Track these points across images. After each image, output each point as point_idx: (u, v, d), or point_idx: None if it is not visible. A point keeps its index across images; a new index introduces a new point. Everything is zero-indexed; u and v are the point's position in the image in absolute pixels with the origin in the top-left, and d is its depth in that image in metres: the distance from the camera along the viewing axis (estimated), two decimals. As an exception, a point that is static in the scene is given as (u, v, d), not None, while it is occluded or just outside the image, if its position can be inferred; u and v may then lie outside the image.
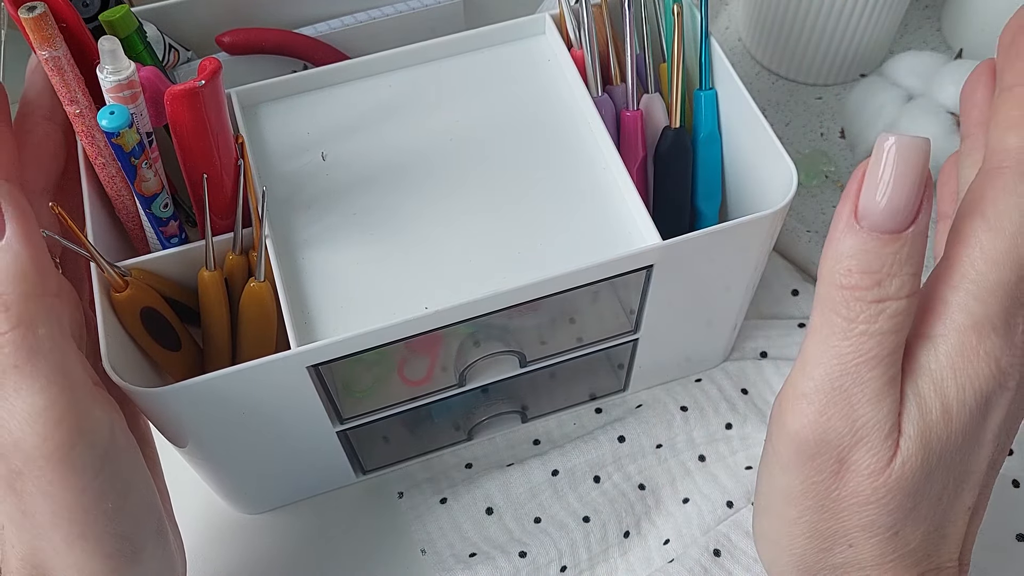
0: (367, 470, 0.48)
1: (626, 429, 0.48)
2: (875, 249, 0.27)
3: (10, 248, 0.30)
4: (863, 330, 0.27)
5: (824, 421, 0.29)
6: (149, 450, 0.39)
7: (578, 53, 0.44)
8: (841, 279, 0.28)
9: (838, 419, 0.28)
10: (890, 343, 0.28)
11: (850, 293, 0.27)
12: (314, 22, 0.52)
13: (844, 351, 0.28)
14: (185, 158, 0.37)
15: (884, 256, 0.27)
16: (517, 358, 0.43)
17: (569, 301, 0.40)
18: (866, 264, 0.27)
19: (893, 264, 0.27)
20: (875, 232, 0.27)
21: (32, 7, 0.33)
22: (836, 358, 0.28)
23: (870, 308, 0.27)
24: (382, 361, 0.41)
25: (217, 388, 0.35)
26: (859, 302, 0.27)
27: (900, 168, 0.26)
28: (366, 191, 0.41)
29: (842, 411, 0.28)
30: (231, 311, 0.40)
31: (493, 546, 0.45)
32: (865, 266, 0.27)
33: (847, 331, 0.28)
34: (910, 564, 0.30)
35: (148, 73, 0.38)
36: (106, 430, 0.31)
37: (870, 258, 0.27)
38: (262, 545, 0.47)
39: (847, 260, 0.27)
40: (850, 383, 0.28)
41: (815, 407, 0.29)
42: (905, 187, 0.26)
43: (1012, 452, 0.47)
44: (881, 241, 0.27)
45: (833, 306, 0.28)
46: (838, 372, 0.28)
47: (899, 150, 0.26)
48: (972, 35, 0.61)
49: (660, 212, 0.46)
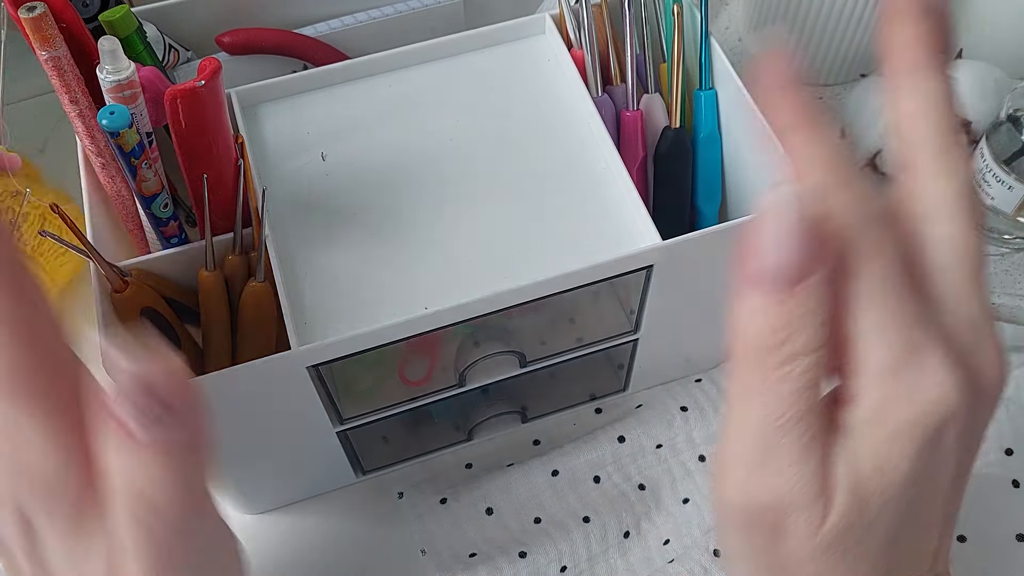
0: (367, 470, 0.48)
1: (626, 429, 0.48)
2: (775, 308, 0.26)
3: None
4: (777, 391, 0.27)
5: (753, 488, 0.28)
6: None
7: (578, 53, 0.44)
8: (748, 340, 0.27)
9: (765, 485, 0.28)
10: (805, 400, 0.27)
11: (758, 354, 0.27)
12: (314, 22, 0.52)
13: (761, 414, 0.27)
14: (185, 158, 0.37)
15: (786, 314, 0.26)
16: (517, 358, 0.43)
17: (569, 301, 0.40)
18: (769, 324, 0.26)
19: (790, 325, 0.26)
20: (772, 291, 0.26)
21: (32, 7, 0.33)
22: (754, 422, 0.27)
23: (780, 368, 0.27)
24: (382, 361, 0.41)
25: (217, 388, 0.35)
26: (768, 362, 0.27)
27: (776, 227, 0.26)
28: (366, 191, 0.41)
29: (768, 476, 0.28)
30: (231, 311, 0.40)
31: (493, 546, 0.45)
32: (769, 326, 0.26)
33: (761, 393, 0.27)
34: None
35: (148, 73, 0.38)
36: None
37: (771, 317, 0.26)
38: (262, 545, 0.47)
39: (751, 320, 0.27)
40: (772, 446, 0.27)
41: (742, 473, 0.28)
42: (787, 244, 0.26)
43: (1012, 452, 0.47)
44: (779, 300, 0.26)
45: (745, 368, 0.27)
46: (759, 436, 0.27)
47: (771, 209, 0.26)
48: (972, 35, 0.61)
49: (660, 212, 0.46)
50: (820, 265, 0.26)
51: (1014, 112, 0.50)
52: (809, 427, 0.27)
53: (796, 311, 0.26)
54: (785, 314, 0.26)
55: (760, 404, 0.27)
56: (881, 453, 0.27)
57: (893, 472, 0.27)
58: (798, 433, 0.27)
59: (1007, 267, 0.54)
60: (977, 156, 0.53)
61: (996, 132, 0.51)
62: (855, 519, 0.28)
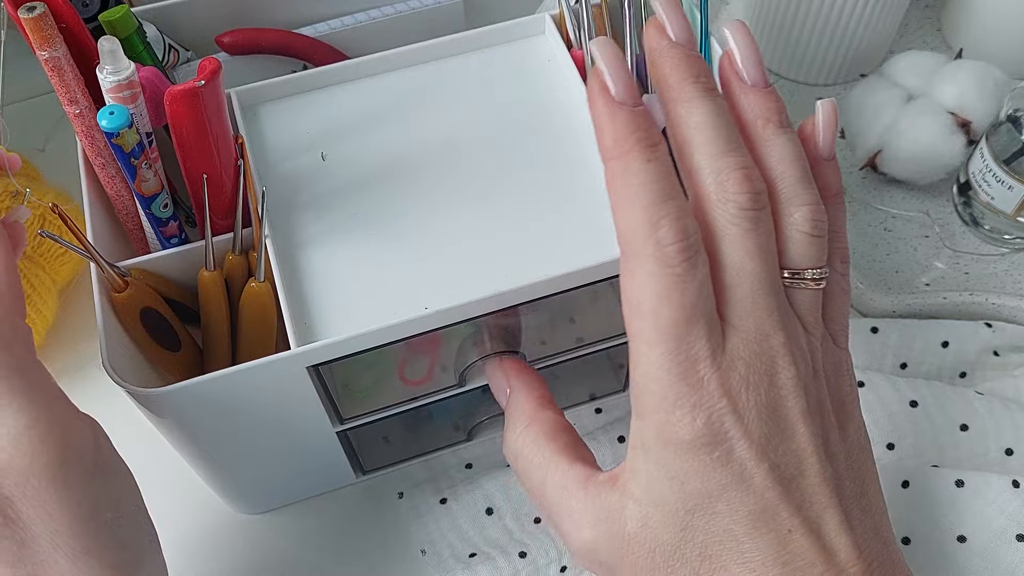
0: (367, 470, 0.48)
1: (626, 429, 0.48)
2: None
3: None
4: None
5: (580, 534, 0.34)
6: None
7: (578, 53, 0.44)
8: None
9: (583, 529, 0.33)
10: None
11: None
12: (314, 22, 0.52)
13: None
14: (185, 158, 0.37)
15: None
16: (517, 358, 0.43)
17: (569, 301, 0.40)
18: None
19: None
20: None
21: (32, 7, 0.33)
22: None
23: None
24: (382, 361, 0.41)
25: (217, 388, 0.35)
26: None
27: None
28: (366, 191, 0.41)
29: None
30: (231, 311, 0.40)
31: (493, 546, 0.45)
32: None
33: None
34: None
35: (148, 73, 0.38)
36: (91, 441, 0.30)
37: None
38: (262, 545, 0.47)
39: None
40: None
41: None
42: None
43: (1012, 452, 0.47)
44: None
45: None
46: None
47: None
48: (972, 35, 0.61)
49: (660, 212, 0.46)
50: None
51: (1014, 112, 0.50)
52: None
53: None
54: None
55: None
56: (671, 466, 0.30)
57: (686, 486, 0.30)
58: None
59: (1007, 267, 0.54)
60: (977, 156, 0.53)
61: (996, 132, 0.51)
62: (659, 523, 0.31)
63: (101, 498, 0.30)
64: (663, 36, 0.33)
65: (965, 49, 0.58)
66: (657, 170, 0.30)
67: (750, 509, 0.29)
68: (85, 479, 0.30)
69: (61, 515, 0.29)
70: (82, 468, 0.30)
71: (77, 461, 0.29)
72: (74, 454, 0.29)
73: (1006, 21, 0.59)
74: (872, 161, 0.55)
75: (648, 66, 0.34)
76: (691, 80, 0.32)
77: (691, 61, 0.33)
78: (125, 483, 0.33)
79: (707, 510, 0.29)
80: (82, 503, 0.30)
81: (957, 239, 0.55)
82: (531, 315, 0.41)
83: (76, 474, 0.29)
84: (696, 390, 0.29)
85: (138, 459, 0.34)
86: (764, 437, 0.29)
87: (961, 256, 0.55)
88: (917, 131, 0.53)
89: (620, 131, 0.31)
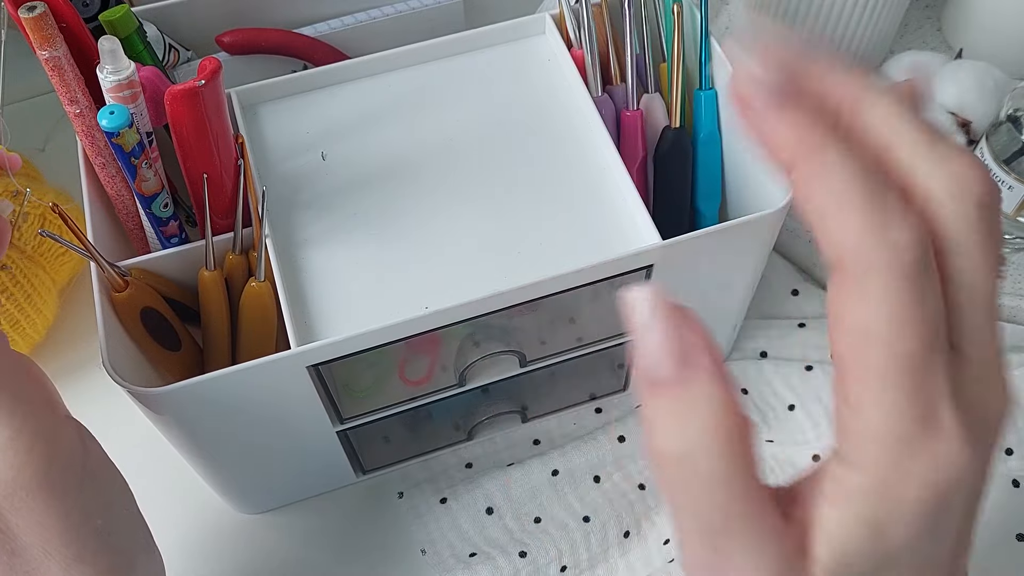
0: (367, 470, 0.48)
1: (626, 429, 0.48)
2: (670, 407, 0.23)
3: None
4: (697, 496, 0.24)
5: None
6: None
7: (578, 53, 0.44)
8: (656, 449, 0.24)
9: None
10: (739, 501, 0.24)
11: (669, 462, 0.24)
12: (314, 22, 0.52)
13: (692, 530, 0.24)
14: (185, 158, 0.37)
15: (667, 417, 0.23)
16: (517, 358, 0.43)
17: (569, 301, 0.40)
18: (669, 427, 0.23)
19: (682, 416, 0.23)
20: (656, 392, 0.23)
21: (32, 7, 0.33)
22: (694, 529, 0.25)
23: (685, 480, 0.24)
24: (382, 361, 0.41)
25: (217, 388, 0.35)
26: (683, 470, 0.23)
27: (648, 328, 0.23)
28: (366, 191, 0.41)
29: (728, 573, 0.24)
30: (231, 311, 0.40)
31: (493, 546, 0.45)
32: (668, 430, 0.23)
33: (688, 501, 0.24)
34: None
35: (148, 73, 0.38)
36: (78, 447, 0.30)
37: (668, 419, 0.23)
38: (262, 545, 0.47)
39: (654, 426, 0.23)
40: (717, 559, 0.24)
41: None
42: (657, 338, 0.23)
43: (1011, 452, 0.47)
44: (671, 398, 0.23)
45: (664, 477, 0.24)
46: (701, 551, 0.25)
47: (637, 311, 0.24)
48: (972, 35, 0.61)
49: (660, 212, 0.46)
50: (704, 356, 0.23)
51: (1014, 112, 0.50)
52: (749, 524, 0.24)
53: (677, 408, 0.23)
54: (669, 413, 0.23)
55: (692, 511, 0.24)
56: (880, 526, 0.24)
57: (888, 544, 0.25)
58: (739, 535, 0.24)
59: (1007, 267, 0.54)
60: (977, 156, 0.53)
61: (996, 132, 0.51)
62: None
63: (91, 504, 0.30)
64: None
65: (965, 49, 0.58)
66: (860, 162, 0.23)
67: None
68: (74, 487, 0.29)
69: (51, 525, 0.29)
70: (70, 475, 0.29)
71: (64, 469, 0.29)
72: (60, 463, 0.29)
73: (1006, 21, 0.59)
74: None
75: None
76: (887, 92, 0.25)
77: None
78: (115, 487, 0.32)
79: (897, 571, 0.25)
80: (71, 511, 0.29)
81: (957, 239, 0.55)
82: (531, 315, 0.41)
83: (64, 482, 0.29)
84: (936, 437, 0.23)
85: (138, 459, 0.34)
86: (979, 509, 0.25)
87: (961, 256, 0.55)
88: (917, 131, 0.53)
89: (802, 128, 0.24)
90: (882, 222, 0.22)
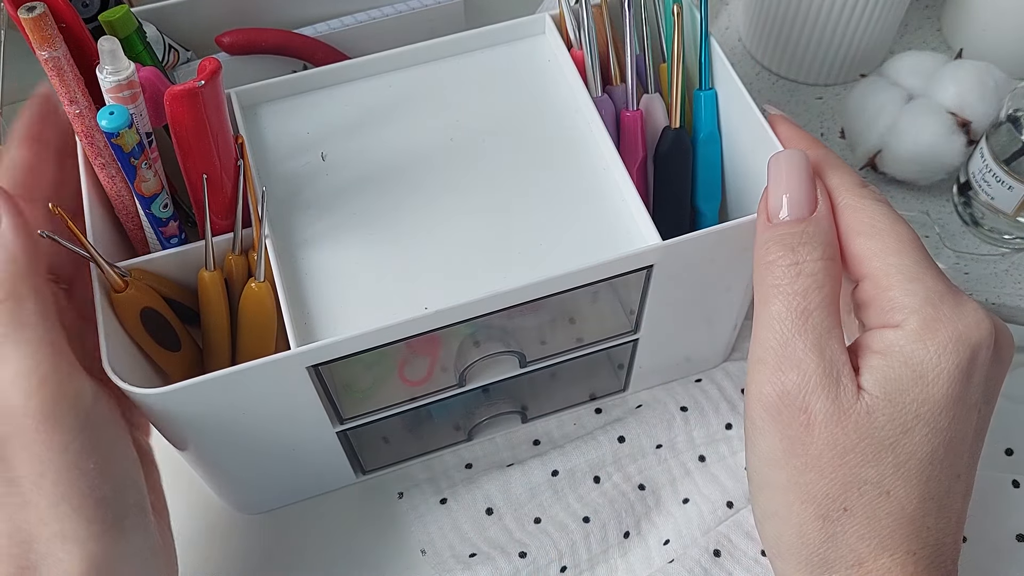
0: (367, 470, 0.48)
1: (626, 429, 0.48)
2: (786, 231, 0.34)
3: (3, 236, 0.33)
4: (788, 290, 0.33)
5: (779, 376, 0.32)
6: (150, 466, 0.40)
7: (578, 53, 0.44)
8: (765, 257, 0.34)
9: (789, 371, 0.32)
10: (815, 298, 0.32)
11: (773, 264, 0.33)
12: (314, 22, 0.52)
13: (778, 312, 0.33)
14: (185, 158, 0.37)
15: (793, 235, 0.33)
16: (517, 358, 0.43)
17: (569, 301, 0.40)
18: (780, 242, 0.34)
19: (802, 237, 0.33)
20: (785, 220, 0.34)
21: (32, 7, 0.33)
22: (774, 320, 0.33)
23: (789, 271, 0.33)
24: (382, 361, 0.41)
25: (217, 388, 0.35)
26: (779, 268, 0.33)
27: (790, 172, 0.35)
28: (366, 191, 0.41)
29: (790, 363, 0.32)
30: (231, 311, 0.40)
31: (493, 546, 0.45)
32: (780, 243, 0.34)
33: (776, 294, 0.33)
34: (910, 534, 0.31)
35: (148, 73, 0.38)
36: (88, 394, 0.33)
37: (783, 238, 0.34)
38: (262, 545, 0.47)
39: (767, 244, 0.34)
40: (790, 338, 0.32)
41: (769, 367, 0.33)
42: (799, 185, 0.34)
43: (1012, 452, 0.47)
44: (789, 224, 0.34)
45: (762, 279, 0.34)
46: (778, 331, 0.33)
47: (787, 160, 0.35)
48: (972, 35, 0.61)
49: (660, 212, 0.46)
50: (825, 203, 0.34)
51: (1014, 112, 0.50)
52: (822, 320, 0.32)
53: (804, 233, 0.33)
54: (796, 234, 0.34)
55: (775, 305, 0.33)
56: (926, 363, 0.31)
57: (933, 385, 0.31)
58: (813, 323, 0.32)
59: (1007, 267, 0.54)
60: (977, 156, 0.53)
61: (996, 132, 0.51)
62: (887, 418, 0.31)
63: (87, 448, 0.32)
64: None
65: (965, 49, 0.58)
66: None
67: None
68: (75, 427, 0.32)
69: (47, 457, 0.31)
70: (73, 416, 0.32)
71: (70, 409, 0.32)
72: (67, 401, 0.32)
73: (1006, 21, 0.59)
74: (872, 161, 0.55)
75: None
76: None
77: None
78: (117, 445, 0.34)
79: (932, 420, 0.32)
80: (68, 449, 0.31)
81: (957, 239, 0.55)
82: (531, 315, 0.41)
83: (67, 421, 0.31)
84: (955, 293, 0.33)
85: (138, 459, 0.34)
86: None
87: (961, 256, 0.55)
88: (917, 131, 0.53)
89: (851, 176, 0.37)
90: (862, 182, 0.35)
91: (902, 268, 0.32)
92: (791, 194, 0.34)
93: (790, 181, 0.34)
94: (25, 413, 0.31)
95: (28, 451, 0.31)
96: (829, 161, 0.36)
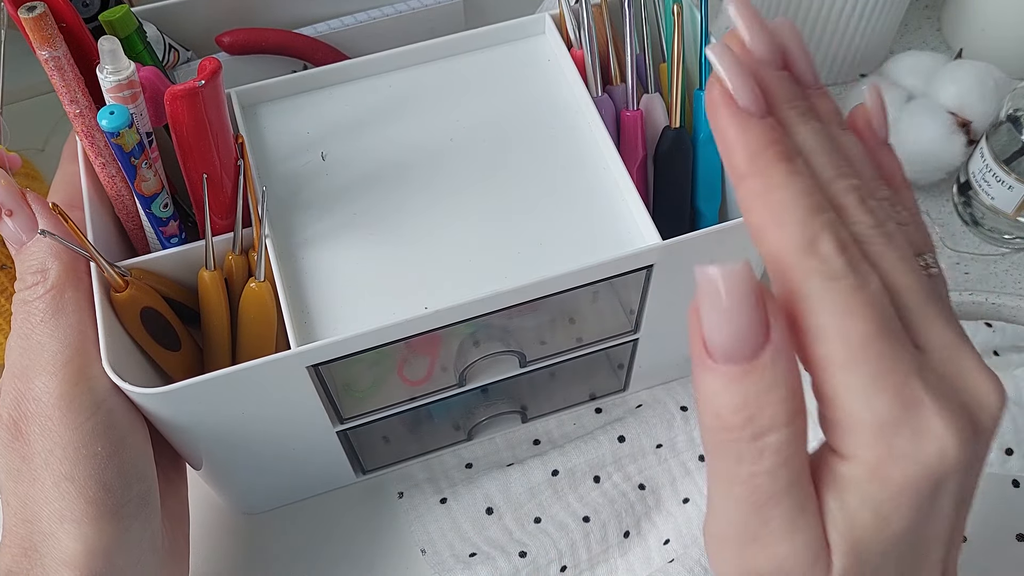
0: (367, 470, 0.48)
1: (626, 429, 0.48)
2: (734, 385, 0.24)
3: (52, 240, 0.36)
4: (751, 472, 0.25)
5: (748, 563, 0.27)
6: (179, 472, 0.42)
7: (578, 53, 0.44)
8: (712, 423, 0.25)
9: (759, 559, 0.27)
10: (784, 476, 0.25)
11: (725, 436, 0.25)
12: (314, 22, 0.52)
13: (741, 496, 0.26)
14: (185, 158, 0.37)
15: (745, 390, 0.24)
16: (517, 358, 0.43)
17: (569, 301, 0.40)
18: (730, 403, 0.24)
19: (758, 395, 0.24)
20: (729, 366, 0.24)
21: (32, 7, 0.33)
22: (736, 503, 0.26)
23: (750, 448, 0.25)
24: (382, 361, 0.41)
25: (217, 388, 0.35)
26: (737, 443, 0.25)
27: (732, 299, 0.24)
28: (366, 191, 0.41)
29: (760, 550, 0.26)
30: (231, 311, 0.40)
31: (493, 546, 0.45)
32: (730, 405, 0.25)
33: (736, 476, 0.26)
34: None
35: (148, 73, 0.38)
36: (106, 383, 0.35)
37: (732, 395, 0.24)
38: (262, 545, 0.47)
39: (712, 402, 0.25)
40: (757, 526, 0.26)
41: (734, 550, 0.27)
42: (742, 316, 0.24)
43: (1012, 452, 0.47)
44: (737, 375, 0.24)
45: (715, 451, 0.26)
46: (743, 517, 0.26)
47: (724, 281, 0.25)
48: (972, 35, 0.61)
49: (660, 212, 0.46)
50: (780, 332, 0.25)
51: (1014, 112, 0.50)
52: (795, 499, 0.26)
53: (754, 387, 0.24)
54: (743, 391, 0.24)
55: (737, 488, 0.26)
56: (881, 512, 0.26)
57: (892, 528, 0.26)
58: (783, 509, 0.26)
59: (1007, 267, 0.54)
60: (977, 156, 0.53)
61: (996, 132, 0.51)
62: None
63: (99, 431, 0.34)
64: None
65: (965, 49, 0.58)
66: (804, 183, 0.26)
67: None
68: (89, 407, 0.34)
69: (58, 432, 0.33)
70: (90, 398, 0.34)
71: (87, 390, 0.34)
72: (86, 383, 0.34)
73: (1006, 21, 0.59)
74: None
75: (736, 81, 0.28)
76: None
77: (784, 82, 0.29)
78: (129, 436, 0.35)
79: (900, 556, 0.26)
80: (79, 429, 0.33)
81: (957, 239, 0.55)
82: (531, 315, 0.41)
83: (82, 402, 0.34)
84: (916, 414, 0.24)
85: (138, 459, 0.34)
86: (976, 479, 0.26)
87: (961, 256, 0.55)
88: (917, 131, 0.53)
89: (754, 145, 0.26)
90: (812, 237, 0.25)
91: (850, 387, 0.25)
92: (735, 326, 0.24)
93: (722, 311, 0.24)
94: (46, 390, 0.33)
95: (43, 426, 0.33)
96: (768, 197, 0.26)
